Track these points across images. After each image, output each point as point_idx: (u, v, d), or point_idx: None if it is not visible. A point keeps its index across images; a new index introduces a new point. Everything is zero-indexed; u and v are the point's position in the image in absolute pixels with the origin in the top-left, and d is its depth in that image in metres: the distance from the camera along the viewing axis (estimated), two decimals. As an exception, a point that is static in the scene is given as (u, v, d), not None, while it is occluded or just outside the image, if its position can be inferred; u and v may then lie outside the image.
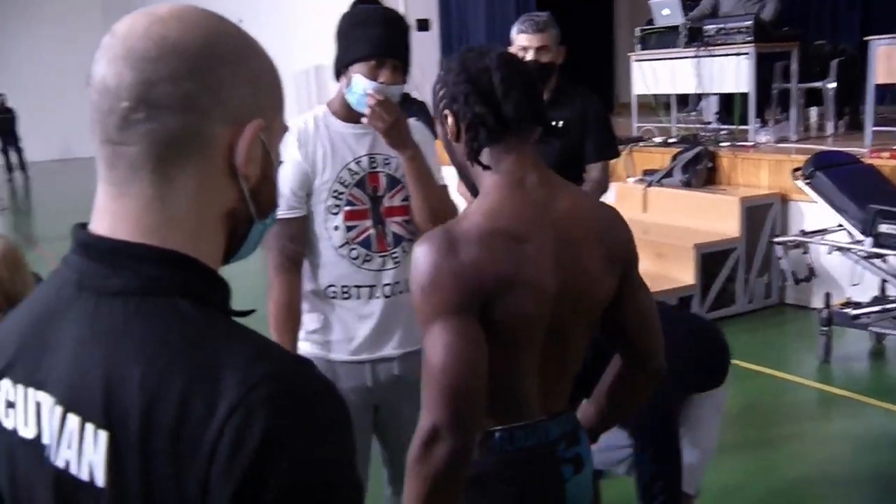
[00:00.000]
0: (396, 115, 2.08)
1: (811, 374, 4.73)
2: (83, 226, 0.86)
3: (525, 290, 1.41)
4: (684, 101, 9.62)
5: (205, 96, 0.82)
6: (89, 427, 0.78)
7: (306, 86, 12.21)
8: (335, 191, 2.17)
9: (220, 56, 0.84)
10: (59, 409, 0.81)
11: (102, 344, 0.79)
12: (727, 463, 2.41)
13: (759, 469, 3.59)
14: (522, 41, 3.18)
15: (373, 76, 2.07)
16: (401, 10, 11.71)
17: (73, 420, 0.79)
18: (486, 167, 1.48)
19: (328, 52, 2.26)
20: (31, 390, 0.83)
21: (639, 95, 7.84)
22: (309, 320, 2.25)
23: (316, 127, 2.19)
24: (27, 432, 0.83)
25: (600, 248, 1.50)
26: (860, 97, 6.77)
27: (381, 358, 2.23)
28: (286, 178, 2.13)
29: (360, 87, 2.08)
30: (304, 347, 2.24)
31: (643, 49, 7.68)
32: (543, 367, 1.51)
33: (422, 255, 1.41)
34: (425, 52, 11.53)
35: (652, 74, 7.44)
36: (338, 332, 2.22)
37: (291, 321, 2.19)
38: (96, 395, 0.78)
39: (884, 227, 4.46)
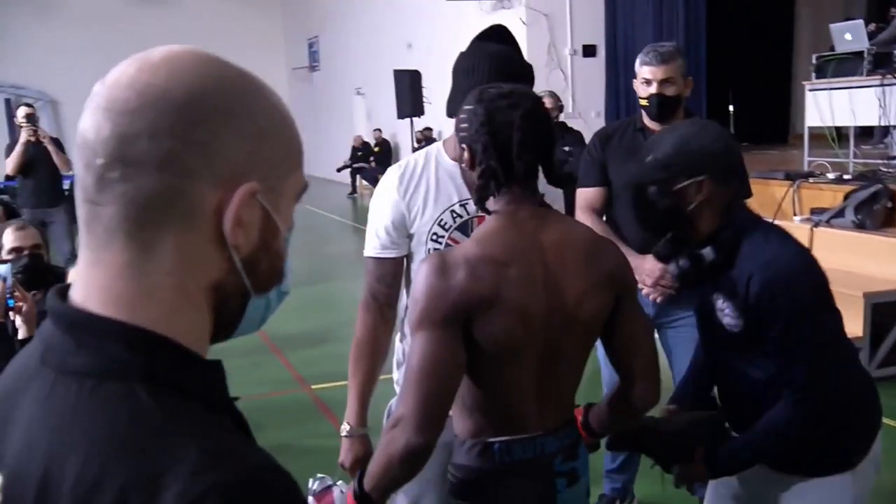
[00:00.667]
0: None
1: None
2: (64, 289, 0.79)
3: (506, 309, 1.56)
4: (868, 133, 8.90)
5: (189, 153, 0.73)
6: None
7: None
8: (434, 233, 2.07)
9: (210, 107, 0.74)
10: (1, 495, 0.74)
11: (49, 430, 0.71)
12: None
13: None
14: (646, 73, 3.03)
15: None
16: (567, 37, 11.63)
17: None
18: (488, 212, 1.66)
19: None
20: None
21: (812, 127, 7.27)
22: (401, 361, 2.17)
23: (426, 164, 2.11)
24: None
25: (590, 271, 1.62)
26: None
27: None
28: (382, 216, 2.09)
29: None
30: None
31: (818, 78, 7.12)
32: (540, 384, 1.65)
33: (420, 273, 1.60)
34: (590, 78, 11.38)
35: (828, 105, 6.88)
36: None
37: (365, 362, 2.11)
38: (30, 488, 0.70)
39: None
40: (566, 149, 5.75)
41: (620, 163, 3.11)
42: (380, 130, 16.65)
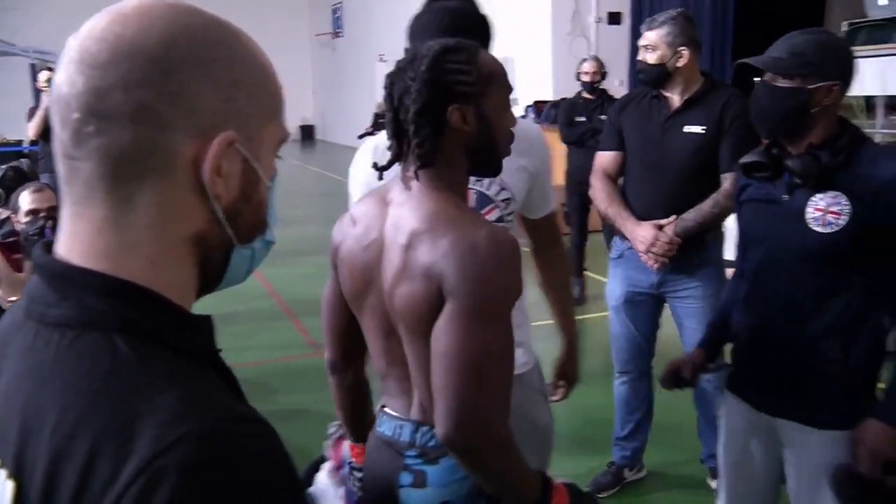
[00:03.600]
0: None
1: None
2: (50, 243, 0.79)
3: (345, 259, 1.61)
4: (899, 104, 8.72)
5: (163, 105, 0.72)
6: (2, 472, 0.71)
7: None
8: None
9: (183, 56, 0.73)
10: None
11: (30, 381, 0.72)
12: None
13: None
14: (641, 39, 3.05)
15: None
16: (592, 4, 11.46)
17: None
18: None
19: (521, 43, 2.04)
20: None
21: (839, 95, 7.12)
22: None
23: None
24: None
25: (407, 255, 1.43)
26: None
27: None
28: (356, 190, 2.00)
29: None
30: None
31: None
32: (389, 355, 1.57)
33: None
34: (615, 47, 11.20)
35: (857, 73, 6.72)
36: None
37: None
38: (12, 440, 0.70)
39: None
40: (602, 117, 5.68)
41: (633, 128, 3.12)
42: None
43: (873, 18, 6.84)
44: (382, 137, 1.96)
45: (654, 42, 2.98)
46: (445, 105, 1.45)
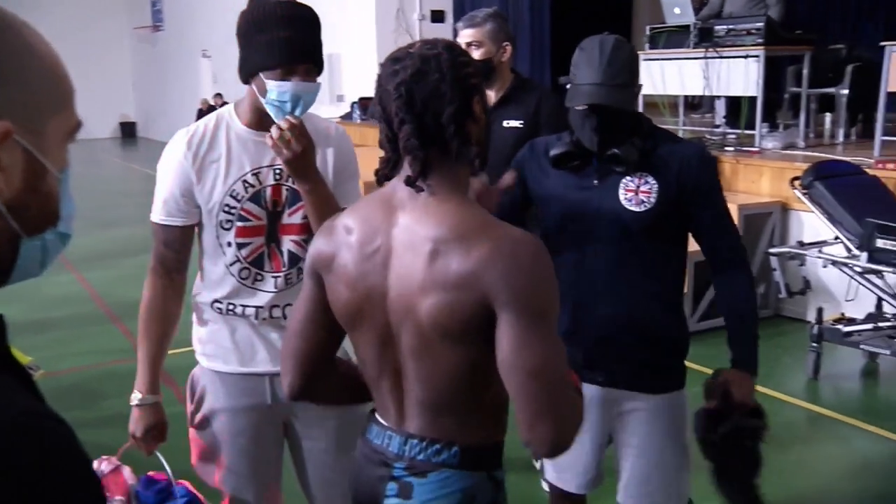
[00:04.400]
0: (307, 143, 1.85)
1: (798, 392, 4.54)
2: None
3: (339, 272, 1.50)
4: (699, 102, 9.42)
5: None
6: None
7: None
8: (226, 205, 1.96)
9: None
10: None
11: None
12: (701, 483, 2.29)
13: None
14: (460, 37, 3.12)
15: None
16: (415, 2, 11.67)
17: None
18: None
19: (347, 40, 2.00)
20: None
21: (646, 96, 7.64)
22: (198, 329, 2.11)
23: (216, 130, 1.98)
24: None
25: (432, 265, 1.38)
26: (876, 105, 6.55)
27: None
28: (169, 184, 1.97)
29: (278, 95, 1.86)
30: (199, 358, 2.12)
31: (652, 49, 7.47)
32: (393, 372, 1.49)
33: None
34: (439, 45, 11.43)
35: (660, 75, 7.24)
36: (226, 344, 2.07)
37: (154, 327, 2.04)
38: None
39: (880, 243, 4.26)
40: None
41: None
42: (220, 96, 16.04)
43: (671, 24, 7.36)
44: (197, 126, 1.97)
45: (480, 38, 3.06)
46: (471, 100, 1.44)
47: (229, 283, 2.02)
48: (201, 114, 16.77)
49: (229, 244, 1.99)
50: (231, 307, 2.04)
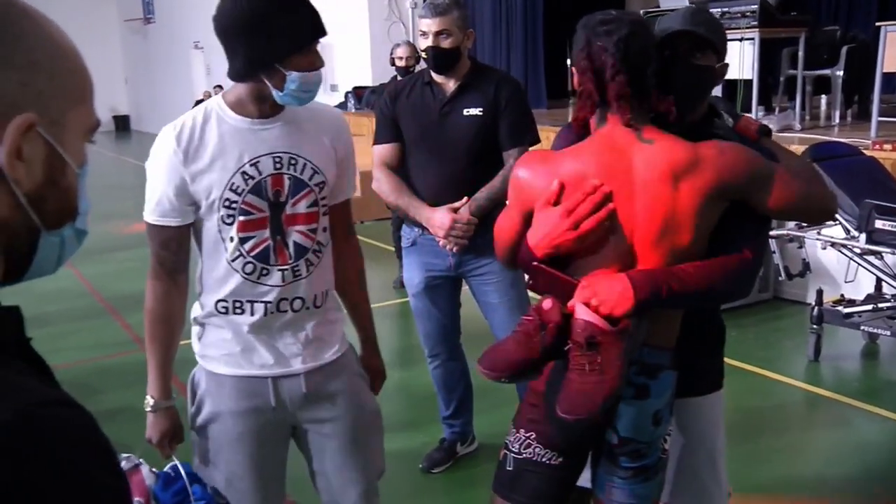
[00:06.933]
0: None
1: (798, 374, 4.54)
2: None
3: None
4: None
5: None
6: None
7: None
8: (227, 199, 1.89)
9: None
10: None
11: None
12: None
13: (734, 473, 3.41)
14: (422, 26, 3.06)
15: (309, 64, 1.84)
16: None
17: None
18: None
19: (340, 30, 1.93)
20: None
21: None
22: (198, 330, 2.06)
23: (205, 123, 1.90)
24: None
25: (677, 186, 1.71)
26: (871, 86, 6.53)
27: (284, 374, 2.01)
28: (159, 183, 1.90)
29: (302, 86, 1.83)
30: (199, 359, 2.07)
31: (646, 32, 7.44)
32: None
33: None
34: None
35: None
36: (227, 346, 2.01)
37: (161, 331, 1.99)
38: None
39: (879, 224, 4.25)
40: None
41: (410, 118, 3.14)
42: (220, 87, 16.05)
43: (665, 8, 7.33)
44: (184, 121, 1.91)
45: (448, 27, 3.00)
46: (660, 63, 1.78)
47: (233, 280, 1.95)
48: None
49: (231, 239, 1.92)
50: (238, 305, 1.97)
